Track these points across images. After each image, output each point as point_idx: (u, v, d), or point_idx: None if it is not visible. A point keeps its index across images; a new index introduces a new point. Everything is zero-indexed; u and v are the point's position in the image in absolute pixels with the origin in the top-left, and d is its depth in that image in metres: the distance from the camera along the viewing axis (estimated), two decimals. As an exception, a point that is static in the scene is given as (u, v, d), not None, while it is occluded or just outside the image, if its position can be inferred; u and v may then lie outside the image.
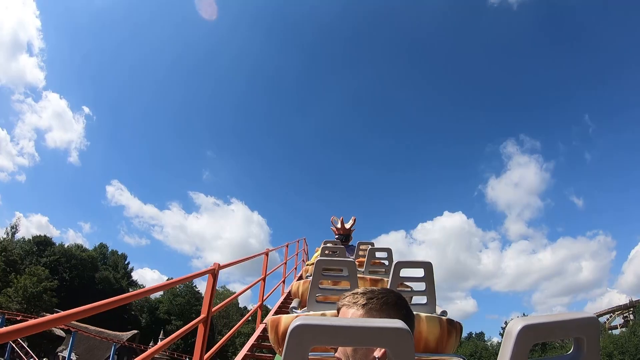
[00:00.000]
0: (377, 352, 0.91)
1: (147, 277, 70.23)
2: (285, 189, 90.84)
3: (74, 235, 70.01)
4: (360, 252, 4.91)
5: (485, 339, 52.12)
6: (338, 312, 1.06)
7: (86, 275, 47.54)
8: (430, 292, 2.47)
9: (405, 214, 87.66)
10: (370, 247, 4.06)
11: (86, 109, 76.40)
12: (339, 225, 5.88)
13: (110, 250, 61.84)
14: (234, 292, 62.64)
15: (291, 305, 2.72)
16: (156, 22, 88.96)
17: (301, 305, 2.93)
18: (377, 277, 3.51)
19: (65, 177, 76.78)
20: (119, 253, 62.62)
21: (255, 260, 5.41)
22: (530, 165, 77.76)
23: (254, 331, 5.35)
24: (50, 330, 29.97)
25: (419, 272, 2.51)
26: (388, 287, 2.15)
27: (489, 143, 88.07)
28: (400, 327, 0.57)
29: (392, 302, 1.01)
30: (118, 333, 34.34)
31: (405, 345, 0.57)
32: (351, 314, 1.01)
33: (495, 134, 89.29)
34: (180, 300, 52.85)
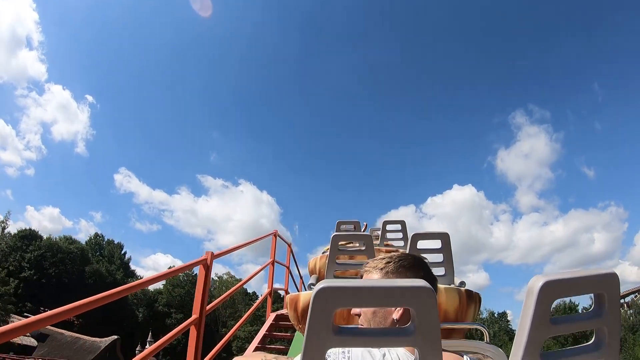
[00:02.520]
0: (396, 314, 0.99)
1: (161, 262, 75.35)
2: (291, 167, 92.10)
3: (86, 225, 76.30)
4: (374, 235, 4.96)
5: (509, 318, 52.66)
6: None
7: (75, 269, 47.77)
8: (448, 263, 2.58)
9: (414, 188, 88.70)
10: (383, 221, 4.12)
11: (90, 98, 79.31)
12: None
13: (106, 240, 62.73)
14: (241, 279, 62.69)
15: (309, 282, 2.82)
16: (157, 7, 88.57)
17: (319, 281, 3.02)
18: (394, 249, 3.58)
19: (73, 168, 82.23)
20: (115, 242, 63.39)
21: (268, 239, 5.46)
22: (540, 135, 77.97)
23: (252, 335, 5.28)
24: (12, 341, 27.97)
25: (436, 244, 2.62)
26: None
27: (497, 113, 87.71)
28: (423, 286, 0.60)
29: (409, 264, 1.08)
30: (96, 340, 31.94)
31: (428, 303, 0.60)
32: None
33: (504, 104, 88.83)
34: (180, 291, 53.11)
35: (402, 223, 4.05)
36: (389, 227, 4.04)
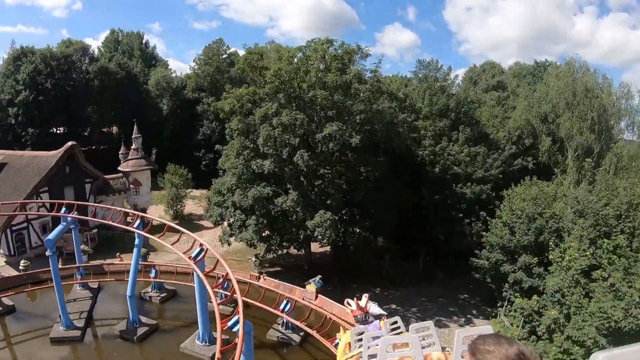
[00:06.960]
0: None
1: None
2: None
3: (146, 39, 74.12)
4: None
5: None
6: None
7: (78, 74, 43.96)
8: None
9: None
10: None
11: None
12: (354, 308, 6.38)
13: (124, 32, 56.98)
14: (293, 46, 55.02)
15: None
16: None
17: None
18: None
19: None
20: (135, 32, 57.67)
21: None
22: None
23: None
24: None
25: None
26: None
27: None
28: None
29: None
30: (50, 154, 31.09)
31: None
32: None
33: None
34: (209, 69, 46.81)
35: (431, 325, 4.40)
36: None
